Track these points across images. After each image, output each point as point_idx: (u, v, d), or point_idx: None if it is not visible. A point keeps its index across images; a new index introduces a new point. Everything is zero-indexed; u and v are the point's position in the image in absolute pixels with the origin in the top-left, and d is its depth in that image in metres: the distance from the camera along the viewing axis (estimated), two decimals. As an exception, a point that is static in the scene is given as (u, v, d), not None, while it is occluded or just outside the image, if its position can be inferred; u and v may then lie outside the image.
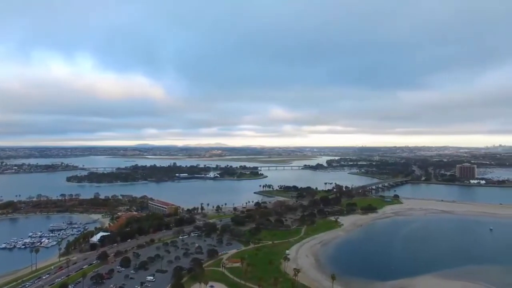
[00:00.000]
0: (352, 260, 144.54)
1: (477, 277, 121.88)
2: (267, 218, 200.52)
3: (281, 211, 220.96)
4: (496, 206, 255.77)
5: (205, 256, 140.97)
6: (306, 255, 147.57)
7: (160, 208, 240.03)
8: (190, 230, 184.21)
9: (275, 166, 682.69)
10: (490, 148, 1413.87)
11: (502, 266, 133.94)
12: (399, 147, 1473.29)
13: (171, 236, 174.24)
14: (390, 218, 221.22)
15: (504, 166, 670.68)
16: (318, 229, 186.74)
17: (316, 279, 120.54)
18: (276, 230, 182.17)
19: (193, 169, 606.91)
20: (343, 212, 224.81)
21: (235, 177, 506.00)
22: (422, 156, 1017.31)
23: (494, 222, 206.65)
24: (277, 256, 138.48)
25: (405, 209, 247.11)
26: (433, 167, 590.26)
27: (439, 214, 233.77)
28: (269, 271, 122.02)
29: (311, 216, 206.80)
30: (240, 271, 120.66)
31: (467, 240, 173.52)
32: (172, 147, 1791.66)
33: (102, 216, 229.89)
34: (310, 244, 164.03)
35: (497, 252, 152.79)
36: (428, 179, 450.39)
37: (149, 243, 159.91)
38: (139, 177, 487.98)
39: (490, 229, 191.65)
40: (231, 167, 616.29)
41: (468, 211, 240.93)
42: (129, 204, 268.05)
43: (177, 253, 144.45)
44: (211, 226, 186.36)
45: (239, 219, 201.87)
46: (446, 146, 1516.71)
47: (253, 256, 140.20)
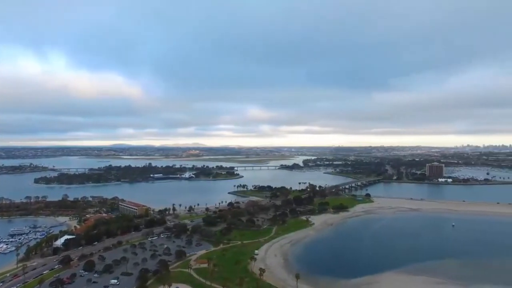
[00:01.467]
0: (321, 259, 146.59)
1: (437, 271, 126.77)
2: (238, 218, 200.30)
3: (253, 211, 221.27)
4: (459, 203, 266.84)
5: (173, 258, 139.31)
6: (275, 255, 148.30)
7: (131, 210, 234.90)
8: (160, 231, 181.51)
9: (251, 166, 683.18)
10: (459, 148, 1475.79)
11: (460, 260, 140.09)
12: (375, 147, 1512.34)
13: (140, 237, 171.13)
14: (361, 217, 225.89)
15: (470, 165, 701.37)
16: (289, 229, 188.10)
17: (283, 279, 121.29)
18: (247, 230, 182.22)
19: (168, 169, 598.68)
20: (315, 211, 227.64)
21: (211, 177, 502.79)
22: (396, 155, 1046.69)
23: (456, 218, 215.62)
24: (245, 256, 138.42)
25: (376, 207, 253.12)
26: (405, 167, 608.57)
27: (407, 212, 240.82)
28: (236, 271, 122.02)
29: (282, 215, 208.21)
30: (207, 272, 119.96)
31: (431, 237, 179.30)
32: (149, 147, 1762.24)
33: (69, 219, 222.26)
34: (280, 243, 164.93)
35: (457, 247, 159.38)
36: (399, 178, 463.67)
37: (116, 245, 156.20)
38: (112, 178, 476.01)
39: (452, 225, 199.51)
40: (207, 167, 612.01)
41: (434, 208, 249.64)
42: (99, 206, 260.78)
43: (144, 255, 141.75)
44: (182, 227, 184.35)
45: (211, 220, 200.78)
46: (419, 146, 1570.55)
47: (221, 256, 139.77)
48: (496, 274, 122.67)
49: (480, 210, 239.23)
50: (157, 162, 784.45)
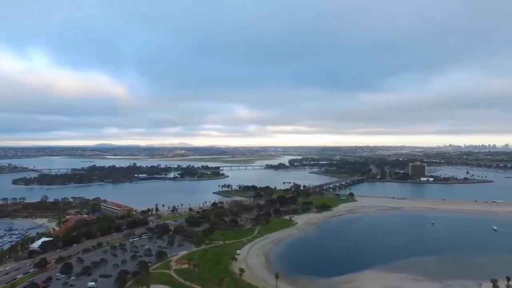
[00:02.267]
0: (303, 258, 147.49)
1: (415, 268, 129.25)
2: (221, 218, 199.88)
3: (237, 211, 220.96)
4: (439, 202, 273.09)
5: (153, 259, 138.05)
6: (257, 255, 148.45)
7: (113, 210, 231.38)
8: (142, 232, 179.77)
9: (237, 166, 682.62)
10: (441, 147, 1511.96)
11: (438, 256, 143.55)
12: (360, 146, 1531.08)
13: (121, 239, 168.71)
14: (343, 216, 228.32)
15: (452, 164, 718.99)
16: (272, 228, 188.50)
17: (263, 278, 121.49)
18: (230, 230, 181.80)
19: (153, 169, 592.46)
20: (298, 211, 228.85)
21: (196, 177, 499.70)
22: (381, 155, 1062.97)
23: (436, 216, 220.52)
24: (227, 256, 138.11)
25: (358, 206, 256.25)
26: (389, 166, 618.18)
27: (389, 210, 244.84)
28: (217, 271, 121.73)
29: (266, 215, 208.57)
30: (187, 273, 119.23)
31: (411, 234, 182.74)
32: (134, 147, 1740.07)
33: (48, 221, 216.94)
34: (262, 243, 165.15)
35: (435, 244, 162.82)
36: (383, 178, 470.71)
37: (96, 247, 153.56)
38: (96, 179, 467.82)
39: (431, 223, 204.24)
40: (193, 167, 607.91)
41: (415, 207, 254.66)
42: (80, 207, 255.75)
43: (124, 256, 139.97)
44: (164, 228, 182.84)
45: (194, 220, 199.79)
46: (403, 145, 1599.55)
47: (202, 257, 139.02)
48: (470, 269, 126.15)
49: (458, 208, 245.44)
50: (142, 162, 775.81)
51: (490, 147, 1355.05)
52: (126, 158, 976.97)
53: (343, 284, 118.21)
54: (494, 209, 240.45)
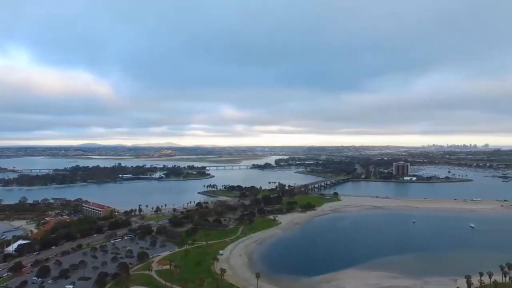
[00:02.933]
0: (285, 257, 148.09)
1: (394, 266, 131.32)
2: (205, 219, 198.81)
3: (221, 211, 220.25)
4: (421, 201, 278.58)
5: (135, 260, 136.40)
6: (240, 255, 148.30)
7: (95, 211, 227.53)
8: (124, 233, 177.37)
9: (223, 166, 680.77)
10: (425, 147, 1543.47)
11: (417, 254, 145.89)
12: (346, 146, 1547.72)
13: (102, 240, 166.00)
14: (327, 215, 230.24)
15: (434, 163, 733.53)
16: (256, 228, 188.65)
17: (245, 278, 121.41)
18: (213, 230, 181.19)
19: (138, 169, 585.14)
20: (283, 210, 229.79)
21: (181, 178, 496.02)
22: (366, 155, 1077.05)
23: (417, 215, 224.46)
24: (209, 257, 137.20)
25: (342, 206, 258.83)
26: (374, 166, 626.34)
27: (372, 209, 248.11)
28: (199, 272, 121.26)
29: (250, 215, 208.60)
30: (169, 274, 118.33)
31: (393, 233, 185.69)
32: (120, 146, 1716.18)
33: (26, 223, 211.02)
34: (245, 243, 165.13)
35: (416, 242, 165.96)
36: (368, 177, 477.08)
37: (75, 249, 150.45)
38: (78, 179, 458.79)
39: (413, 222, 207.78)
40: (179, 167, 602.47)
41: (397, 206, 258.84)
42: (61, 208, 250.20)
43: (105, 258, 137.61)
44: (146, 228, 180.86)
45: (177, 220, 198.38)
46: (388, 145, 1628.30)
47: (184, 257, 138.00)
48: (446, 266, 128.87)
49: (439, 207, 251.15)
50: (128, 162, 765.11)
51: (471, 147, 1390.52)
52: (111, 158, 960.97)
53: (324, 283, 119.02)
54: (472, 207, 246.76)
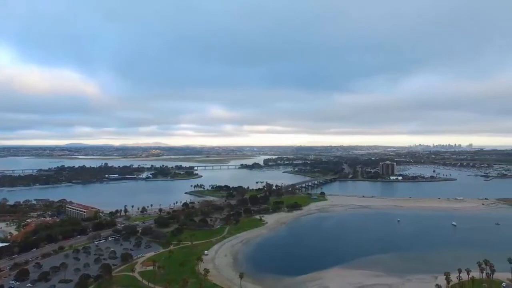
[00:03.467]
0: (271, 257, 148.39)
1: (378, 265, 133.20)
2: (191, 219, 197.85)
3: (208, 211, 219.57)
4: (406, 200, 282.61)
5: (118, 261, 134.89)
6: (225, 255, 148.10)
7: (79, 212, 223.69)
8: (108, 234, 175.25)
9: (211, 166, 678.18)
10: (412, 147, 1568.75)
11: (400, 253, 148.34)
12: (334, 146, 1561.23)
13: (86, 241, 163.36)
14: (313, 215, 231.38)
15: (420, 163, 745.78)
16: (242, 228, 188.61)
17: (230, 278, 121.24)
18: (199, 230, 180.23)
19: (125, 169, 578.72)
20: (269, 210, 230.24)
21: (169, 178, 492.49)
22: (354, 154, 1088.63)
23: (402, 214, 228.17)
24: (194, 257, 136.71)
25: (329, 205, 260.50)
26: (361, 165, 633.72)
27: (358, 209, 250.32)
28: (183, 272, 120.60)
29: (236, 215, 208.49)
30: (152, 275, 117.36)
31: (377, 232, 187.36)
32: (107, 146, 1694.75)
33: (6, 225, 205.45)
34: (231, 243, 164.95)
35: (400, 241, 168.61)
36: (355, 177, 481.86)
37: (57, 251, 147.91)
38: (63, 179, 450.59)
39: (398, 221, 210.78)
40: (166, 167, 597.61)
41: (383, 205, 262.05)
42: (43, 210, 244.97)
43: (87, 260, 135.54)
44: (131, 229, 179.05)
45: (163, 220, 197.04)
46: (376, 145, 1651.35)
47: (168, 258, 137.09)
48: (428, 264, 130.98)
49: (423, 206, 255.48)
50: (115, 162, 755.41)
51: (456, 147, 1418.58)
52: (98, 158, 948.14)
53: (308, 282, 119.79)
54: (454, 206, 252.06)
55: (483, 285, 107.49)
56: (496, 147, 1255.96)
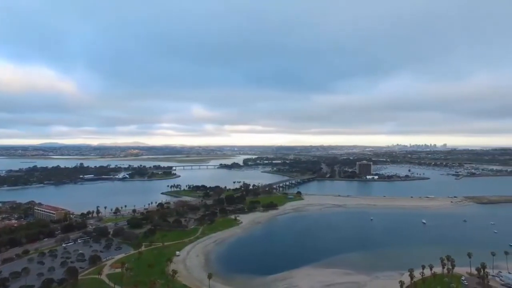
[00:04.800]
0: (243, 257, 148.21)
1: (348, 263, 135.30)
2: (165, 219, 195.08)
3: (183, 211, 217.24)
4: (380, 199, 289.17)
5: (86, 264, 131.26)
6: (197, 255, 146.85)
7: (48, 214, 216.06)
8: (78, 236, 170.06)
9: (190, 166, 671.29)
10: (390, 147, 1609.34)
11: (371, 251, 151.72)
12: (314, 146, 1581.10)
13: (53, 244, 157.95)
14: (289, 214, 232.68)
15: (397, 162, 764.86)
16: (216, 228, 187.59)
17: (200, 279, 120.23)
18: (173, 231, 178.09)
19: (101, 169, 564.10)
20: (244, 210, 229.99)
21: (146, 178, 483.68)
22: (333, 154, 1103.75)
23: (375, 212, 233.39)
24: (165, 258, 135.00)
25: (305, 205, 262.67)
26: (339, 165, 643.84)
27: (332, 208, 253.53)
28: (152, 274, 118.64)
29: (211, 215, 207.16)
30: (121, 277, 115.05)
31: (350, 231, 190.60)
32: (84, 146, 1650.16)
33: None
34: (204, 243, 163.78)
35: (371, 239, 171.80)
36: (332, 176, 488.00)
37: (20, 255, 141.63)
38: (35, 180, 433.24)
39: (371, 219, 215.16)
40: (144, 167, 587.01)
41: (358, 204, 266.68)
42: (9, 212, 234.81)
43: (53, 263, 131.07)
44: (102, 230, 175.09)
45: (136, 221, 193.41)
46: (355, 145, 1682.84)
47: (139, 259, 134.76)
48: (396, 261, 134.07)
49: (396, 204, 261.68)
50: (92, 162, 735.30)
51: (431, 147, 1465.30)
52: (74, 158, 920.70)
53: (278, 282, 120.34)
54: (425, 204, 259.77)
55: (444, 280, 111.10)
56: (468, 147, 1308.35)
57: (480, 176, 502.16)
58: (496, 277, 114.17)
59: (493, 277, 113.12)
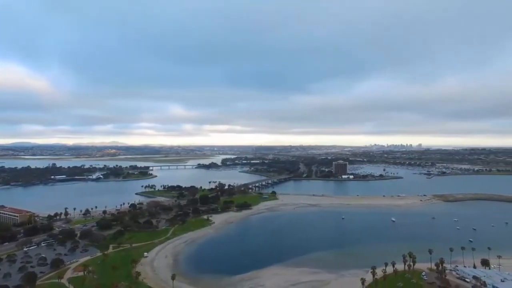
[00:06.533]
0: (213, 257, 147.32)
1: (317, 262, 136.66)
2: (136, 220, 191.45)
3: (155, 212, 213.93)
4: (353, 198, 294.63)
5: (48, 268, 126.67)
6: (165, 256, 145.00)
7: (11, 217, 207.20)
8: (42, 240, 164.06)
9: (168, 166, 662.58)
10: (368, 147, 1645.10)
11: (341, 249, 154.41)
12: (294, 146, 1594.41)
13: (13, 249, 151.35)
14: (262, 214, 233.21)
15: (373, 162, 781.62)
16: (188, 228, 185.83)
17: (166, 280, 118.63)
18: (143, 232, 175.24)
19: (75, 170, 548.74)
20: (218, 210, 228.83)
21: (121, 178, 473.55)
22: (312, 154, 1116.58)
23: (348, 211, 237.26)
24: (133, 260, 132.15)
25: (279, 204, 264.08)
26: (317, 164, 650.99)
27: (306, 207, 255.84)
28: (118, 276, 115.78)
29: (183, 215, 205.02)
30: (84, 281, 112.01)
31: (322, 230, 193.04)
32: (59, 146, 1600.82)
33: None
34: (174, 244, 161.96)
35: (342, 238, 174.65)
36: (309, 176, 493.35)
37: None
38: (0, 181, 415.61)
39: (342, 218, 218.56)
40: (120, 167, 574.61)
41: (331, 203, 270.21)
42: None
43: (10, 269, 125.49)
44: (68, 233, 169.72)
45: (105, 223, 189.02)
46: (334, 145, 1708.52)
47: (104, 262, 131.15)
48: (362, 259, 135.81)
49: (368, 203, 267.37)
50: (65, 162, 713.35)
51: (407, 147, 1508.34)
52: (46, 158, 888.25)
53: (245, 281, 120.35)
54: (396, 203, 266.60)
55: (405, 276, 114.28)
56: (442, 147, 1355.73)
57: (450, 175, 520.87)
58: (453, 271, 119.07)
59: (450, 271, 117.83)
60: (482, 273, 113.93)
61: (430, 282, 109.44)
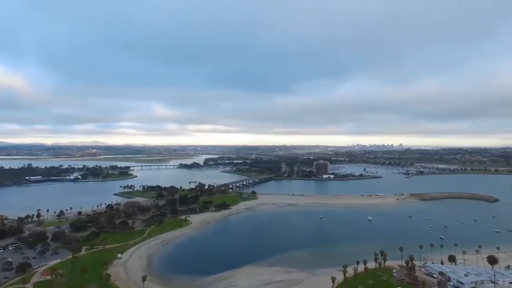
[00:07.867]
0: (188, 258, 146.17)
1: (290, 261, 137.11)
2: (112, 221, 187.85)
3: (132, 212, 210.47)
4: (332, 197, 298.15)
5: (13, 273, 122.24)
6: (139, 257, 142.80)
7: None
8: (10, 243, 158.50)
9: (149, 166, 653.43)
10: (350, 147, 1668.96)
11: (316, 248, 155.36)
12: (277, 145, 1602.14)
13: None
14: (241, 214, 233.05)
15: (355, 162, 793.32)
16: (165, 229, 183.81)
17: (138, 282, 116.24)
18: (118, 233, 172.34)
19: (52, 170, 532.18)
20: (196, 210, 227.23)
21: (100, 178, 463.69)
22: (295, 154, 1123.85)
23: (326, 210, 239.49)
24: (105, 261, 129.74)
25: (258, 204, 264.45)
26: (299, 164, 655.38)
27: (285, 207, 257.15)
28: (88, 279, 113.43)
29: (160, 216, 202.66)
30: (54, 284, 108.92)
31: (299, 229, 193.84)
32: (37, 145, 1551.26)
33: None
34: (149, 245, 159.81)
35: (319, 237, 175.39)
36: (290, 175, 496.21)
37: None
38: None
39: (320, 217, 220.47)
40: (100, 167, 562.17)
41: (310, 202, 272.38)
42: None
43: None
44: (39, 235, 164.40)
45: (80, 224, 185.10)
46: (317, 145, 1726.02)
47: (74, 264, 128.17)
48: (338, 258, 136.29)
49: (346, 202, 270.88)
50: (43, 162, 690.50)
51: (388, 147, 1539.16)
52: (23, 158, 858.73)
53: (219, 281, 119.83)
54: (374, 202, 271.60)
55: (376, 274, 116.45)
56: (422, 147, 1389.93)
57: (427, 174, 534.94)
58: (422, 267, 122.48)
59: (419, 268, 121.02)
60: (448, 268, 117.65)
61: (400, 279, 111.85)
